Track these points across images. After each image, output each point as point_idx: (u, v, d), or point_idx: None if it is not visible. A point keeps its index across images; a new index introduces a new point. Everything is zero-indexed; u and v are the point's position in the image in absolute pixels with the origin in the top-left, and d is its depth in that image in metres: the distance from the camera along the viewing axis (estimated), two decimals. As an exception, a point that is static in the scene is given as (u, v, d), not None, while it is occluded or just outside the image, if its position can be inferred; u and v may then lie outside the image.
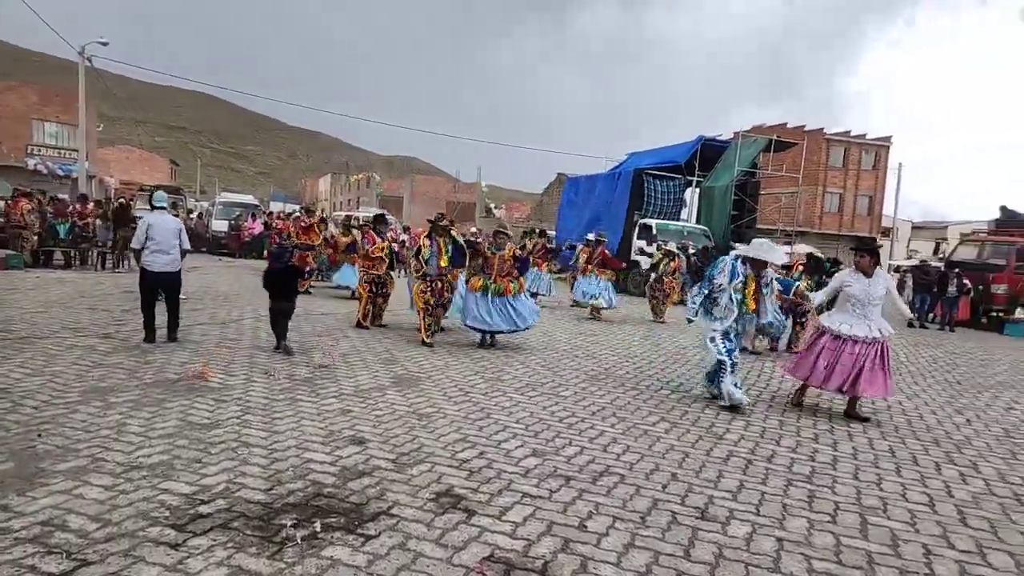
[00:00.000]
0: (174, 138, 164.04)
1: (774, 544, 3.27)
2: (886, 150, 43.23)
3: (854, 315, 5.91)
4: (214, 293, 11.83)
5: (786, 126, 38.76)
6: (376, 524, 3.14)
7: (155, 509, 3.12)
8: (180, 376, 5.65)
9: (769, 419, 5.77)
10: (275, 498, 3.34)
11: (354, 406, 5.13)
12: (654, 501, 3.68)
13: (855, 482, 4.28)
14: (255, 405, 4.95)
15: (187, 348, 6.85)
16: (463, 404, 5.43)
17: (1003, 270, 16.30)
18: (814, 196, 40.21)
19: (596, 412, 5.52)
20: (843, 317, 5.97)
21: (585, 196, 24.62)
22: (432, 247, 8.23)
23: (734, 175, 20.80)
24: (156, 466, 3.64)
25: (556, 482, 3.85)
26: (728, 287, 5.93)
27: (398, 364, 6.87)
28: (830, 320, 6.05)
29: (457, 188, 66.54)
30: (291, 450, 4.04)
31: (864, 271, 5.96)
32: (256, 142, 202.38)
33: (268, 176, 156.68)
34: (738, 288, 5.96)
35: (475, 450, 4.30)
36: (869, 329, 5.83)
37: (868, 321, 5.86)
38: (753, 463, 4.50)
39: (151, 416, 4.50)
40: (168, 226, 7.19)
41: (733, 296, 5.93)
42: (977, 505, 4.02)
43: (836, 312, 6.12)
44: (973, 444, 5.42)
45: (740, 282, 5.96)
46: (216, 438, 4.16)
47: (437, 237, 8.26)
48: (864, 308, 5.86)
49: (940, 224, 48.10)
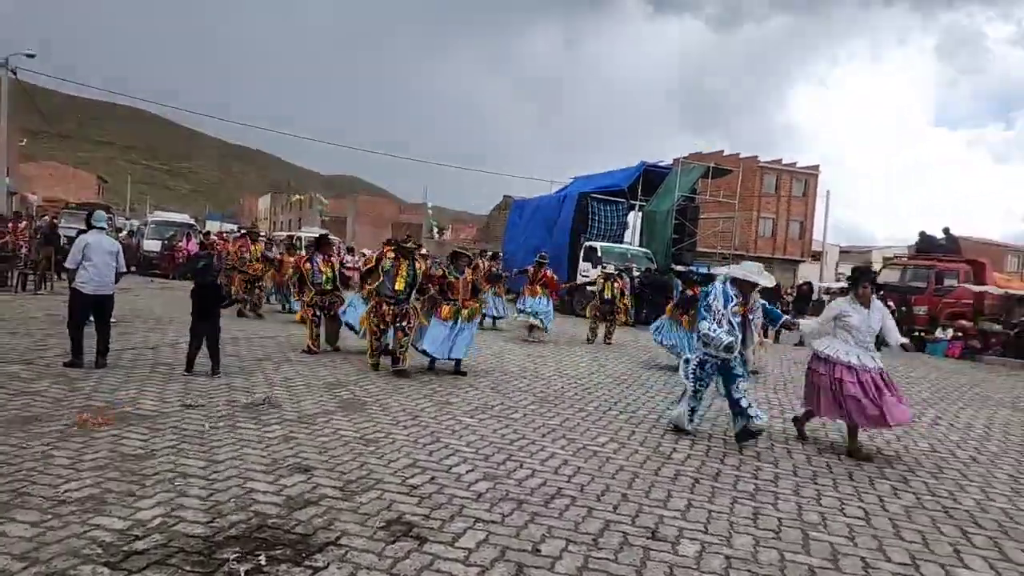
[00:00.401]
0: (102, 153, 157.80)
1: (723, 562, 3.33)
2: (815, 178, 45.56)
3: (852, 345, 5.66)
4: (146, 316, 11.33)
5: (723, 153, 40.35)
6: (324, 555, 3.04)
7: (86, 546, 2.93)
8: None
9: (714, 438, 5.90)
10: (216, 531, 3.19)
11: (298, 432, 4.98)
12: (606, 522, 3.70)
13: (796, 498, 4.41)
14: (192, 433, 4.74)
15: (117, 374, 6.52)
16: (412, 429, 5.35)
17: (924, 292, 17.29)
18: (749, 221, 41.80)
19: (546, 434, 5.53)
20: (843, 346, 5.68)
21: (531, 218, 24.90)
22: (392, 265, 7.79)
23: (675, 200, 21.46)
24: (86, 500, 3.43)
25: (508, 506, 3.82)
26: (726, 311, 5.65)
27: (344, 388, 6.72)
28: (832, 348, 5.71)
29: (403, 209, 66.19)
30: (232, 480, 3.88)
31: (866, 302, 5.74)
32: (191, 159, 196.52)
33: (203, 194, 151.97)
34: (735, 311, 5.68)
35: (426, 475, 4.23)
36: (872, 359, 5.64)
37: (870, 352, 5.68)
38: (700, 482, 4.59)
39: (79, 447, 4.25)
40: (105, 247, 6.92)
41: (733, 320, 5.63)
42: (909, 518, 4.20)
43: (833, 340, 5.80)
44: (903, 459, 5.68)
45: (735, 306, 5.69)
46: (150, 469, 3.95)
47: (401, 258, 7.84)
48: (864, 339, 5.67)
49: (866, 248, 50.67)
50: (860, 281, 5.82)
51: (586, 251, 20.17)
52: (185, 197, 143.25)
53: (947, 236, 19.34)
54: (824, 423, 6.79)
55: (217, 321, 7.12)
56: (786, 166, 44.93)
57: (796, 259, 45.18)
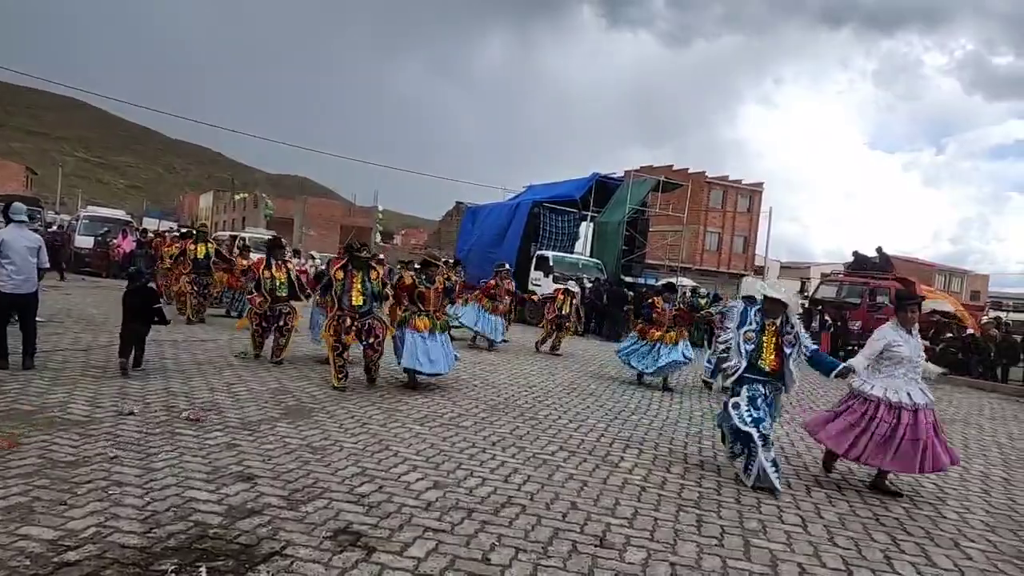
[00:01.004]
0: (34, 144, 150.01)
1: (668, 569, 3.39)
2: (759, 194, 47.16)
3: (902, 379, 4.98)
4: (77, 316, 10.81)
5: (672, 168, 41.40)
6: (268, 565, 2.96)
7: (14, 557, 2.78)
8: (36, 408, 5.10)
9: (660, 447, 6.01)
10: (153, 541, 3.07)
11: (241, 440, 4.83)
12: (555, 530, 3.72)
13: (737, 506, 4.54)
14: (127, 440, 4.55)
15: (46, 376, 6.20)
16: (360, 436, 5.26)
17: (858, 308, 18.06)
18: (696, 235, 42.93)
19: (497, 442, 5.53)
20: (892, 382, 4.99)
21: (483, 225, 24.89)
22: (344, 281, 7.09)
23: (626, 212, 21.82)
24: (13, 509, 3.24)
25: (458, 514, 3.80)
26: (738, 334, 5.03)
27: (289, 395, 6.56)
28: (880, 388, 5.00)
29: (352, 212, 65.14)
30: (170, 488, 3.74)
31: (910, 327, 5.10)
32: (128, 153, 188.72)
33: (141, 190, 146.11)
34: (749, 337, 4.98)
35: (374, 484, 4.17)
36: (922, 393, 5.00)
37: (919, 385, 5.04)
38: (647, 490, 4.67)
39: (5, 453, 4.02)
40: (25, 243, 6.55)
41: (741, 346, 4.98)
42: (843, 526, 4.37)
43: (882, 377, 5.05)
44: (837, 469, 5.90)
45: (752, 330, 4.98)
46: (82, 477, 3.77)
47: (353, 270, 7.15)
48: (915, 371, 5.03)
49: (805, 264, 52.58)
50: (906, 304, 5.15)
51: (538, 260, 20.29)
52: (120, 192, 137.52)
53: (880, 255, 20.24)
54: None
55: (148, 325, 6.96)
56: (732, 182, 46.40)
57: (740, 273, 46.59)
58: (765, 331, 4.98)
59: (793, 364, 4.95)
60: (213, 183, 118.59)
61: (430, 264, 7.88)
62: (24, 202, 8.84)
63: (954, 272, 56.64)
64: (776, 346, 4.96)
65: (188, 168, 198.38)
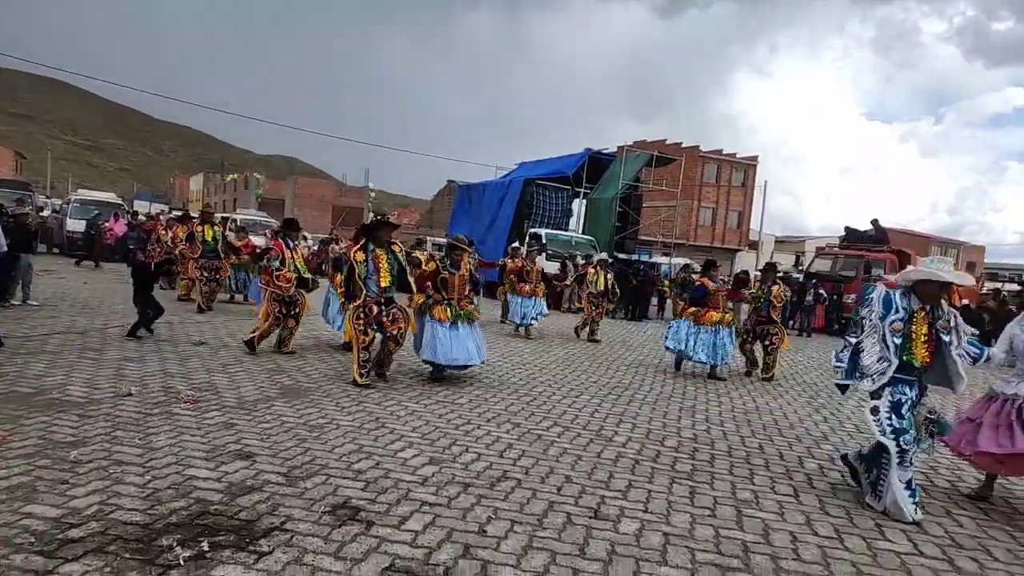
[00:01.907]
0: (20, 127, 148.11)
1: (661, 539, 3.46)
2: (754, 168, 46.94)
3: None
4: (72, 299, 10.79)
5: (665, 142, 41.10)
6: (269, 540, 3.01)
7: (18, 535, 2.82)
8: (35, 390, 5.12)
9: (653, 421, 6.09)
10: (155, 518, 3.11)
11: (239, 419, 4.88)
12: (550, 503, 3.79)
13: (730, 477, 4.61)
14: (126, 420, 4.58)
15: (43, 359, 6.22)
16: (356, 414, 5.31)
17: (853, 281, 18.16)
18: (690, 210, 42.85)
19: (492, 419, 5.59)
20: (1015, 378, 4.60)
21: (476, 204, 24.80)
22: (368, 263, 6.43)
23: (619, 188, 21.73)
24: (16, 488, 3.28)
25: (454, 489, 3.86)
26: (882, 326, 4.14)
27: (285, 374, 6.60)
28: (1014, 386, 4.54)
29: (343, 192, 64.78)
30: (171, 467, 3.78)
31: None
32: (117, 135, 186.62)
33: (131, 173, 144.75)
34: (897, 328, 4.10)
35: (371, 460, 4.23)
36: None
37: None
38: (640, 463, 4.74)
39: (5, 434, 4.05)
40: None
41: (889, 340, 4.09)
42: (835, 495, 4.45)
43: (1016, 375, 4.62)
44: (830, 440, 6.00)
45: (899, 319, 4.11)
46: (83, 457, 3.81)
47: (375, 249, 6.51)
48: None
49: (799, 239, 52.73)
50: None
51: (531, 238, 20.26)
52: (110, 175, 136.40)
53: (876, 227, 20.27)
54: (757, 405, 7.09)
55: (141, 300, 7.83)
56: (726, 156, 46.12)
57: (734, 248, 46.61)
58: (914, 319, 4.14)
59: (956, 355, 4.15)
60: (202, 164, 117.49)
61: (455, 247, 7.14)
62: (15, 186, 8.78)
63: (950, 244, 56.85)
64: (928, 336, 4.14)
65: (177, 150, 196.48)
